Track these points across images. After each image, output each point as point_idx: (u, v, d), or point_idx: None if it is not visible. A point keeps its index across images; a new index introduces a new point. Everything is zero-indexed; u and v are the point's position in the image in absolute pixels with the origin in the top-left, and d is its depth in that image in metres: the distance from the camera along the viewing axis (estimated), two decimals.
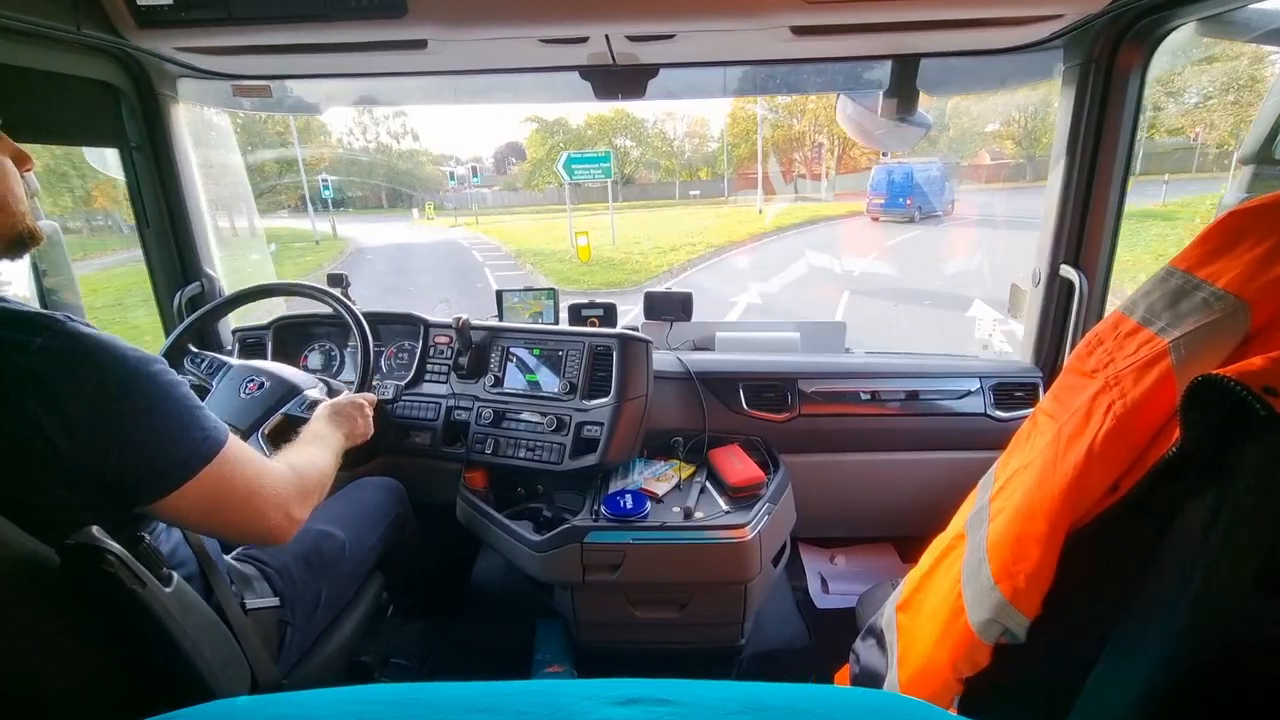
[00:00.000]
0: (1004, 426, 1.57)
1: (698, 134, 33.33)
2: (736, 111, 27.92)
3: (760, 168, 20.67)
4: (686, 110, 32.78)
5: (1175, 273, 0.67)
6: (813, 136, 28.86)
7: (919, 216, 15.66)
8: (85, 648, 0.65)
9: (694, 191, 29.71)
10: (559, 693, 0.51)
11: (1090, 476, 0.65)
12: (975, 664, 0.75)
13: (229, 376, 1.35)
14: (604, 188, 28.64)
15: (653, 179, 32.13)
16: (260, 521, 0.80)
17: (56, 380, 0.62)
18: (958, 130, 25.20)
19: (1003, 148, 25.40)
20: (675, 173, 32.04)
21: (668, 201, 28.02)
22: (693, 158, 32.75)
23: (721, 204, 25.15)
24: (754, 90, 1.75)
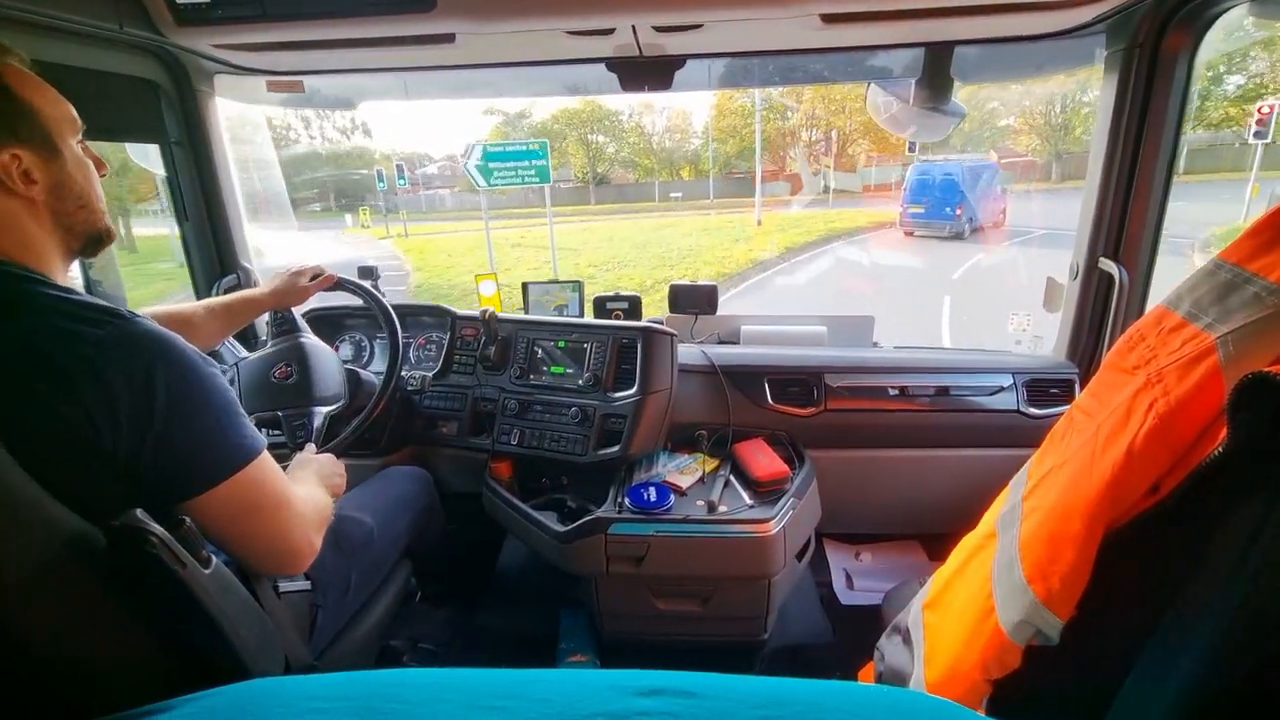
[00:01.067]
0: (1037, 424, 1.53)
1: (679, 129, 29.89)
2: (722, 104, 25.29)
3: (758, 166, 17.99)
4: (666, 102, 29.67)
5: (1224, 266, 0.64)
6: (809, 132, 26.82)
7: (969, 232, 12.44)
8: (128, 626, 0.68)
9: (675, 194, 26.50)
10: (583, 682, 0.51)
11: (1130, 476, 0.63)
12: (1005, 665, 0.73)
13: (272, 351, 1.38)
14: (580, 190, 26.50)
15: (630, 179, 29.01)
16: (284, 538, 0.81)
17: (110, 372, 0.64)
18: (971, 125, 23.72)
19: (1015, 144, 23.73)
20: (654, 172, 28.98)
21: (647, 204, 25.26)
22: (674, 155, 29.54)
23: (706, 209, 22.33)
24: (781, 81, 1.72)
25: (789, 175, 26.55)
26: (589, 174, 27.36)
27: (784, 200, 22.52)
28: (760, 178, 18.41)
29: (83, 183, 0.77)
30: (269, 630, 0.83)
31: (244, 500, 0.76)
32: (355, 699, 0.51)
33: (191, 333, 1.17)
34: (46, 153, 0.72)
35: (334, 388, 1.39)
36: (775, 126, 26.73)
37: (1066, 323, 1.59)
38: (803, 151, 26.80)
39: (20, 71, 0.71)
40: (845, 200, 20.27)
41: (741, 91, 19.68)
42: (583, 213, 23.22)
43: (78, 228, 0.77)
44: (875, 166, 23.47)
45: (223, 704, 0.53)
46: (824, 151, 26.01)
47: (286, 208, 2.12)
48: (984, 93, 20.97)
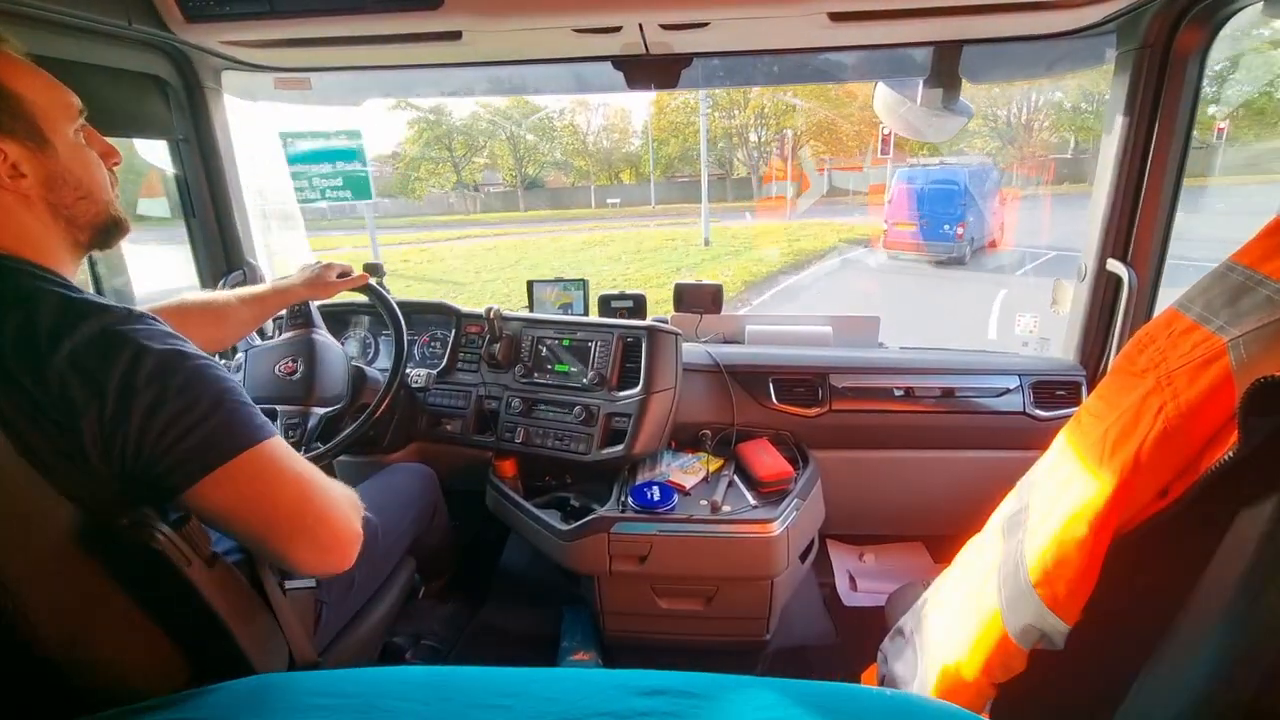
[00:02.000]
0: (1044, 426, 1.52)
1: (617, 128, 26.61)
2: (663, 99, 22.69)
3: (704, 171, 14.60)
4: (603, 98, 26.39)
5: (1236, 268, 0.64)
6: (757, 133, 24.06)
7: (970, 254, 9.92)
8: (134, 622, 0.68)
9: (612, 200, 23.73)
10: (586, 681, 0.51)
11: (1138, 481, 0.62)
12: (1010, 669, 0.73)
13: (283, 344, 1.38)
14: (509, 194, 23.86)
15: (566, 182, 26.08)
16: (322, 522, 0.74)
17: (94, 366, 0.63)
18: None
19: (971, 146, 21.88)
20: (591, 175, 26.03)
21: (581, 210, 22.67)
22: (612, 156, 26.52)
23: (646, 218, 19.41)
24: (788, 80, 1.72)
25: (737, 180, 24.62)
26: (518, 177, 24.95)
27: (735, 209, 20.26)
28: (707, 183, 14.65)
29: (80, 173, 0.74)
30: (273, 627, 0.83)
31: (257, 479, 0.71)
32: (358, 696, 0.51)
33: (223, 321, 1.17)
34: (35, 144, 0.69)
35: (336, 389, 1.39)
36: (720, 126, 24.35)
37: (1074, 324, 1.58)
38: (751, 154, 24.63)
39: (8, 59, 0.69)
40: (819, 208, 17.67)
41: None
42: (509, 220, 21.15)
43: (81, 219, 0.75)
44: (899, 172, 22.05)
45: (228, 699, 0.54)
46: (777, 153, 23.36)
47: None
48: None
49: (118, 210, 0.79)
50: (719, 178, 24.99)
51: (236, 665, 0.75)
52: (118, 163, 0.80)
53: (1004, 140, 22.09)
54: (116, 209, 0.79)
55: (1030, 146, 20.99)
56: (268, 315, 1.29)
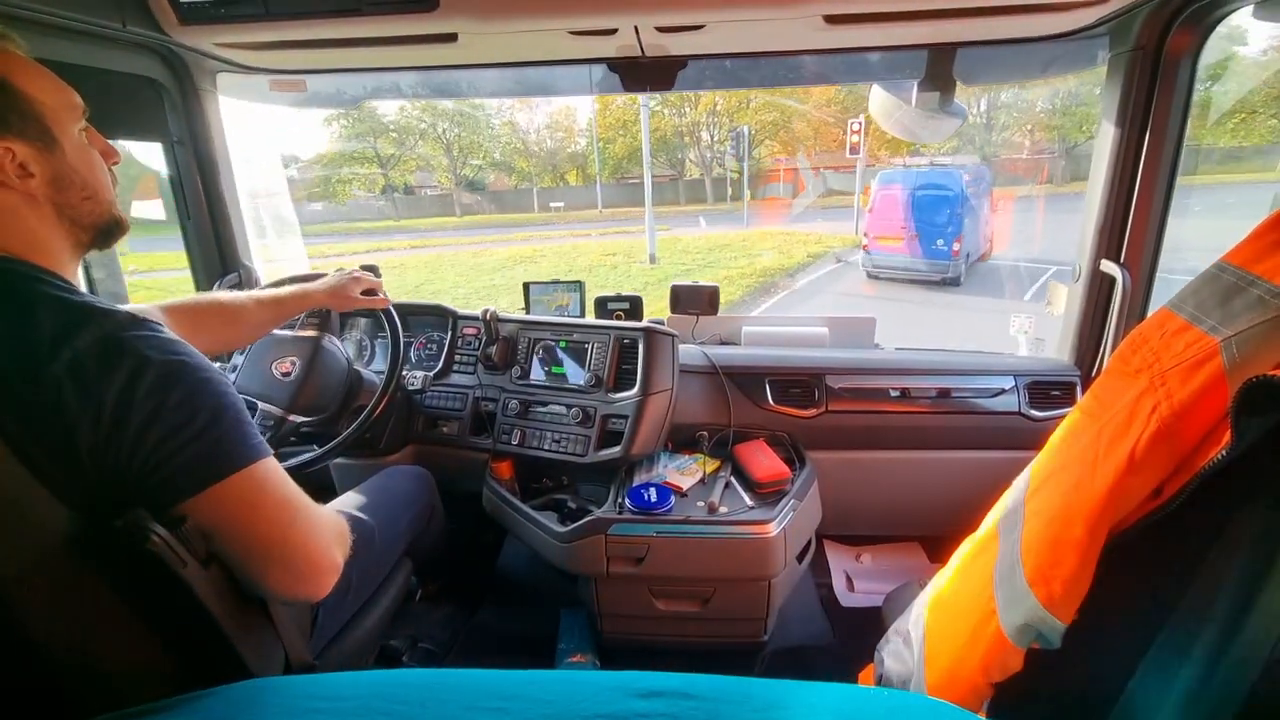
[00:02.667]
0: (1039, 426, 1.53)
1: (562, 125, 24.65)
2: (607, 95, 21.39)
3: (646, 175, 12.50)
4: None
5: (1227, 268, 0.64)
6: (710, 131, 22.79)
7: (964, 272, 8.69)
8: (130, 626, 0.68)
9: (555, 204, 21.90)
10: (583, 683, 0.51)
11: (1132, 480, 0.63)
12: (1007, 669, 0.73)
13: (290, 340, 1.38)
14: (445, 198, 22.16)
15: (509, 184, 24.32)
16: (299, 547, 0.74)
17: (93, 371, 0.63)
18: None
19: (929, 147, 22.36)
20: (534, 176, 24.34)
21: (523, 215, 21.16)
22: (557, 157, 24.75)
23: (593, 223, 18.04)
24: (783, 82, 1.72)
25: (690, 181, 23.53)
26: (452, 179, 23.17)
27: (688, 213, 18.88)
28: (651, 189, 12.29)
29: (86, 173, 0.74)
30: (269, 630, 0.83)
31: (243, 502, 0.71)
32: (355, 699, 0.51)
33: (238, 323, 1.16)
34: (43, 144, 0.70)
35: (324, 401, 1.39)
36: (670, 124, 23.01)
37: (1069, 325, 1.59)
38: (704, 154, 23.26)
39: (14, 58, 0.69)
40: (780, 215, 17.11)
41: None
42: (442, 227, 19.62)
43: (84, 219, 0.75)
44: (881, 173, 20.03)
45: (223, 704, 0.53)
46: (732, 152, 21.73)
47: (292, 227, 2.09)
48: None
49: (118, 210, 0.79)
50: (671, 179, 24.17)
51: (232, 668, 0.74)
52: (117, 162, 0.80)
53: (962, 139, 20.91)
54: (117, 209, 0.79)
55: (990, 147, 20.30)
56: (285, 318, 1.28)
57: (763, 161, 23.29)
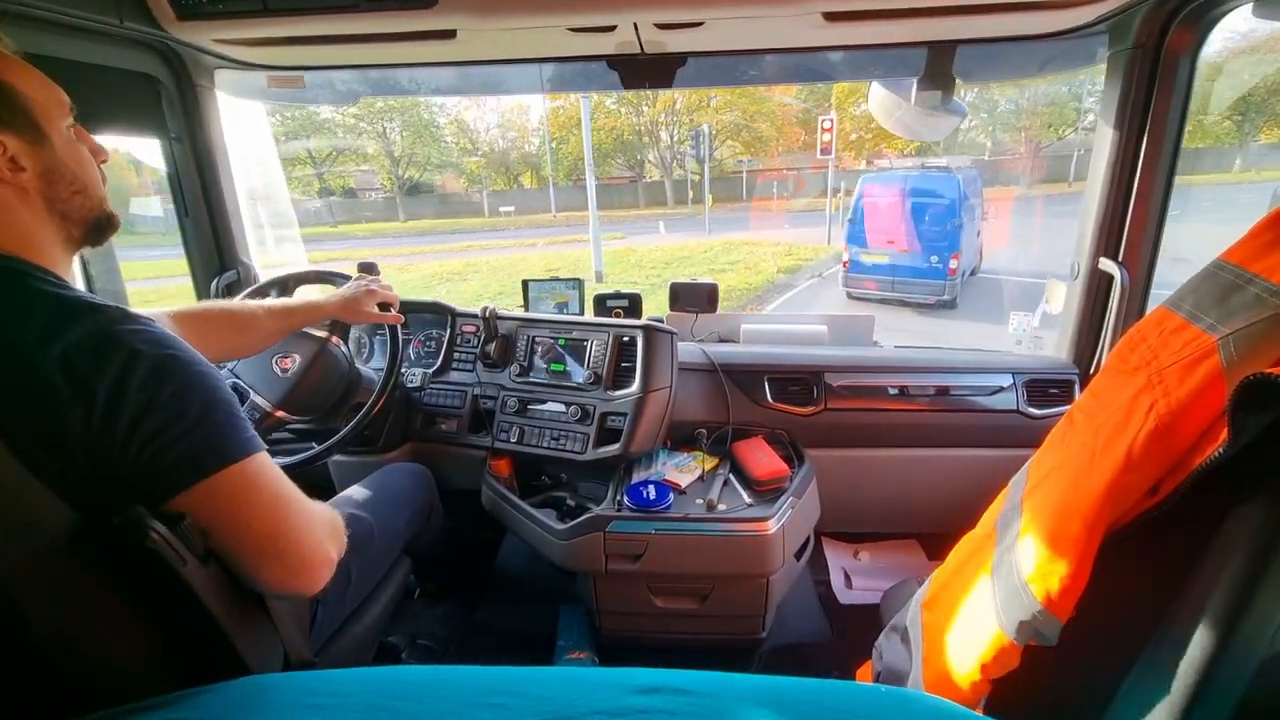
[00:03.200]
0: (1037, 424, 1.53)
1: (515, 124, 22.93)
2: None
3: (589, 177, 10.48)
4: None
5: (1225, 267, 0.64)
6: (670, 131, 21.24)
7: (960, 293, 7.58)
8: (128, 622, 0.68)
9: (505, 208, 20.36)
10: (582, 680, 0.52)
11: (1129, 478, 0.63)
12: (1004, 665, 0.73)
13: (296, 339, 1.37)
14: (390, 201, 20.52)
15: (458, 186, 22.85)
16: (292, 542, 0.74)
17: (85, 369, 0.63)
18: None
19: (892, 147, 20.18)
20: (484, 178, 22.92)
21: (472, 220, 19.77)
22: (509, 157, 23.03)
23: (544, 229, 16.83)
24: (782, 79, 1.72)
25: (650, 184, 22.13)
26: (395, 181, 21.63)
27: (648, 217, 17.36)
28: (594, 192, 10.31)
29: (75, 167, 0.74)
30: (268, 627, 0.83)
31: (235, 497, 0.71)
32: (354, 695, 0.51)
33: (247, 331, 1.15)
34: (33, 137, 0.70)
35: (315, 404, 1.39)
36: (627, 123, 21.59)
37: (1067, 323, 1.59)
38: (663, 154, 21.66)
39: (2, 55, 0.69)
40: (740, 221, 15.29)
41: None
42: (382, 233, 18.43)
43: (75, 214, 0.75)
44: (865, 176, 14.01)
45: (222, 699, 0.53)
46: (691, 152, 20.74)
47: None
48: (861, 91, 17.46)
49: (109, 207, 0.80)
50: (630, 181, 22.99)
51: (231, 665, 0.75)
52: (105, 160, 0.81)
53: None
54: (108, 205, 0.80)
55: (958, 148, 19.36)
56: (295, 329, 1.28)
57: (725, 162, 22.51)
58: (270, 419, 1.32)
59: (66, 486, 0.62)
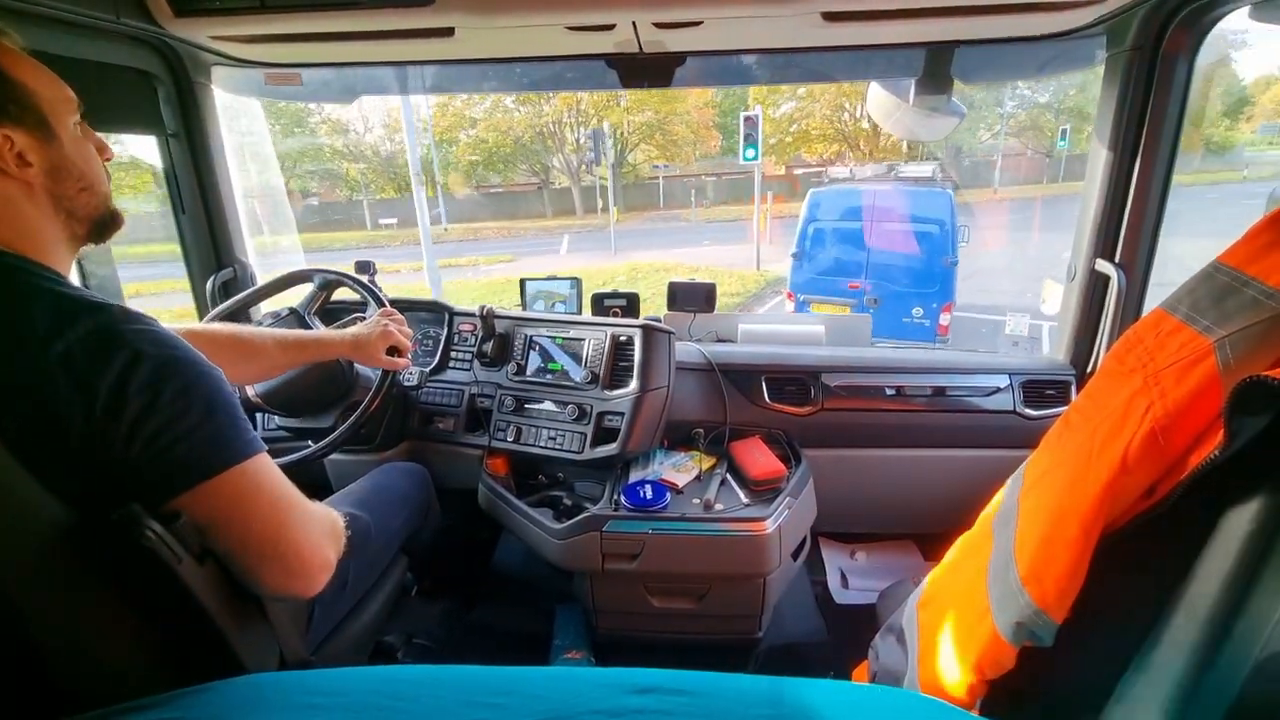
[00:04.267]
0: (1034, 425, 1.54)
1: (401, 124, 17.69)
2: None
3: (416, 190, 8.26)
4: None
5: (1222, 269, 0.64)
6: (575, 132, 19.06)
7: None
8: (124, 621, 0.68)
9: (387, 220, 18.24)
10: (577, 679, 0.52)
11: (1125, 480, 0.63)
12: (1000, 666, 0.73)
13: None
14: (251, 214, 20.75)
15: (340, 195, 20.57)
16: (291, 544, 0.74)
17: (85, 363, 0.62)
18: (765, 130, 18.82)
19: (810, 151, 19.72)
20: (367, 186, 20.73)
21: (347, 235, 17.53)
22: (396, 162, 19.84)
23: (433, 243, 12.04)
24: (780, 79, 1.72)
25: (557, 190, 20.21)
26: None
27: (551, 230, 15.09)
28: (424, 206, 8.41)
29: (83, 164, 0.75)
30: (264, 626, 0.83)
31: (236, 499, 0.71)
32: (350, 694, 0.51)
33: (253, 360, 1.15)
34: (41, 134, 0.70)
35: (304, 407, 1.39)
36: (523, 121, 19.50)
37: (1064, 324, 1.60)
38: (569, 159, 19.24)
39: (11, 51, 0.69)
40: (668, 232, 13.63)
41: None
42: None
43: (80, 211, 0.75)
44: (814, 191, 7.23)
45: (219, 699, 0.53)
46: (592, 158, 18.06)
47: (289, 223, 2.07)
48: (781, 91, 16.97)
49: (113, 205, 0.80)
50: (536, 188, 21.07)
51: (227, 664, 0.74)
52: (110, 158, 0.81)
53: (848, 143, 19.49)
54: (112, 204, 0.80)
55: (880, 152, 18.85)
56: (302, 363, 1.27)
57: (640, 167, 21.03)
58: (249, 405, 1.32)
59: (65, 485, 0.62)
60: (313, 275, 1.50)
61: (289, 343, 1.19)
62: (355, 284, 1.46)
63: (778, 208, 14.10)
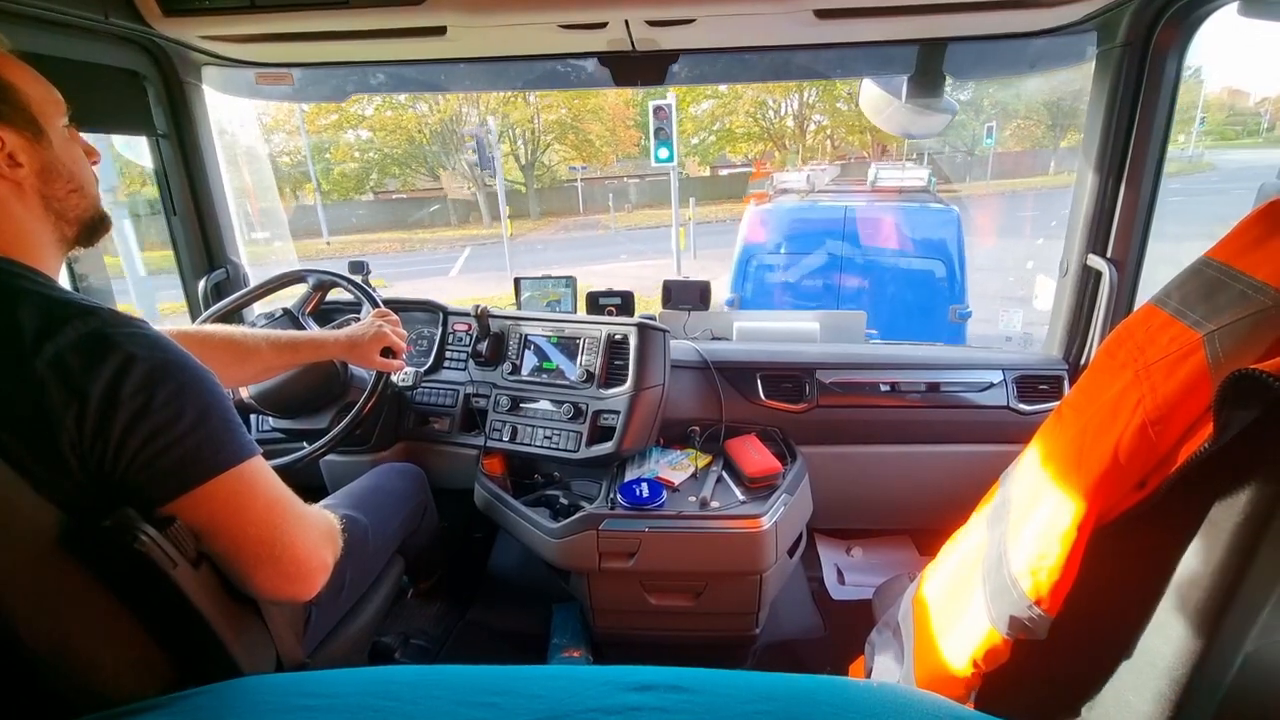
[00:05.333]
0: (1027, 420, 1.55)
1: (286, 125, 16.86)
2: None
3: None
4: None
5: (1211, 264, 0.65)
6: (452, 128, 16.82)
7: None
8: (120, 625, 0.67)
9: (259, 235, 9.27)
10: (575, 678, 0.52)
11: (1117, 473, 0.63)
12: (994, 659, 0.74)
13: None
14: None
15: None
16: (287, 547, 0.74)
17: (76, 367, 0.62)
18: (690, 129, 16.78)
19: (735, 152, 18.86)
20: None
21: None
22: (277, 163, 16.56)
23: (310, 261, 6.16)
24: (773, 77, 1.73)
25: (460, 201, 18.05)
26: (131, 207, 11.87)
27: (451, 242, 13.60)
28: (131, 230, 2.51)
29: (73, 166, 0.75)
30: (261, 630, 0.82)
31: (230, 503, 0.70)
32: (347, 696, 0.51)
33: (246, 362, 1.14)
34: (31, 134, 0.70)
35: (299, 408, 1.39)
36: (411, 118, 17.67)
37: (1057, 319, 1.61)
38: (468, 162, 16.03)
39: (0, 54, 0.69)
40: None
41: None
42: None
43: (70, 213, 0.75)
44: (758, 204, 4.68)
45: (215, 701, 0.53)
46: (474, 166, 15.97)
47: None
48: (700, 90, 15.95)
49: (102, 208, 0.80)
50: (440, 194, 19.09)
51: (224, 668, 0.74)
52: (97, 161, 0.80)
53: (774, 142, 18.77)
54: (101, 207, 0.79)
55: (807, 151, 18.35)
56: (296, 365, 1.26)
57: (556, 169, 19.35)
58: (243, 407, 1.33)
59: (56, 489, 0.62)
60: (306, 276, 1.50)
61: (283, 344, 1.18)
62: (349, 284, 1.46)
63: (704, 211, 13.14)
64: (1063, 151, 16.80)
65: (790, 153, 18.53)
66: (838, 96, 17.65)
